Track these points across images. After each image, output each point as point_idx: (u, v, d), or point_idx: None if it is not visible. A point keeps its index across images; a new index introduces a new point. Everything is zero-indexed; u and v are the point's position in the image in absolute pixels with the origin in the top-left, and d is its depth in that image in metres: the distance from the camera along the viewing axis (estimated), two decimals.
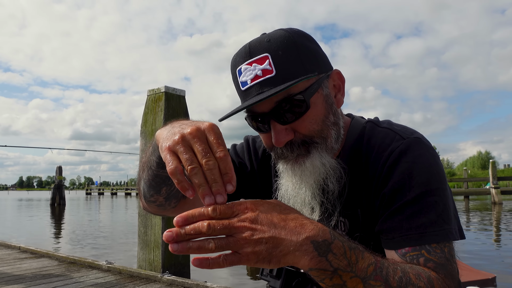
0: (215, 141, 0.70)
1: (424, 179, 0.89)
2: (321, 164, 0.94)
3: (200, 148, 0.69)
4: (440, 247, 0.84)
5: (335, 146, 0.98)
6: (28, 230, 17.08)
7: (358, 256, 0.71)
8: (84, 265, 5.81)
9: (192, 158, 0.68)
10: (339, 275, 0.68)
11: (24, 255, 6.76)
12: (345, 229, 1.00)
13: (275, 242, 0.65)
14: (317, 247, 0.67)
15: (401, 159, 0.91)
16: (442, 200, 0.89)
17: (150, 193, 1.03)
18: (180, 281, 4.65)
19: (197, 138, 0.70)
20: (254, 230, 0.65)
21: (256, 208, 0.68)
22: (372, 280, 0.70)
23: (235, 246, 0.65)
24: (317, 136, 0.94)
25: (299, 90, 0.91)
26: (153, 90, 5.73)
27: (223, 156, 0.69)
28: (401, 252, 0.86)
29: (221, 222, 0.65)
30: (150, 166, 0.95)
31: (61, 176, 37.47)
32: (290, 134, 0.93)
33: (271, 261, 0.66)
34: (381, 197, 0.93)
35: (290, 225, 0.67)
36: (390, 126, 1.01)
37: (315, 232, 0.68)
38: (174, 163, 0.69)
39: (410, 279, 0.74)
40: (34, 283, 4.80)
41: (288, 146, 0.94)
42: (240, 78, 0.93)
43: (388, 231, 0.89)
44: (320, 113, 0.94)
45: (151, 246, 5.46)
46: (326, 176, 0.95)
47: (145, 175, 0.99)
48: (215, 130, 0.72)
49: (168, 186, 1.00)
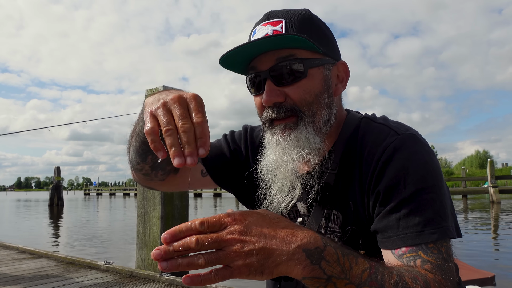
0: (195, 108, 0.73)
1: (420, 176, 0.87)
2: (305, 139, 0.94)
3: (179, 112, 0.72)
4: (437, 246, 0.83)
5: (323, 128, 0.98)
6: (27, 230, 17.05)
7: (352, 262, 0.69)
8: (82, 265, 5.80)
9: (169, 121, 0.72)
10: (333, 282, 0.67)
11: (23, 255, 6.74)
12: (338, 222, 0.99)
13: (266, 253, 0.64)
14: (309, 255, 0.66)
15: (396, 155, 0.90)
16: (439, 197, 0.87)
17: (137, 161, 1.04)
18: (179, 281, 4.65)
19: (178, 103, 0.73)
20: (244, 242, 0.63)
21: (244, 219, 0.66)
22: (367, 286, 0.69)
23: (226, 260, 0.63)
24: (306, 108, 0.95)
25: (301, 56, 0.94)
26: (151, 90, 5.72)
27: (200, 121, 0.71)
28: (397, 253, 0.85)
29: (209, 236, 0.63)
30: (138, 133, 0.97)
31: (59, 176, 37.42)
32: (281, 97, 0.95)
33: (263, 273, 0.64)
34: (375, 194, 0.91)
35: (280, 235, 0.66)
36: (385, 122, 1.01)
37: (307, 240, 0.67)
38: (151, 124, 0.74)
39: (406, 283, 0.73)
40: (32, 283, 4.79)
41: (275, 108, 0.95)
42: (253, 37, 0.97)
43: (384, 230, 0.88)
44: (315, 87, 0.96)
45: (149, 246, 5.45)
46: (309, 152, 0.94)
47: (134, 141, 1.01)
48: (197, 99, 0.75)
49: (153, 155, 1.01)
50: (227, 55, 0.94)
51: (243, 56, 0.96)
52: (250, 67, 0.99)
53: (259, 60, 0.96)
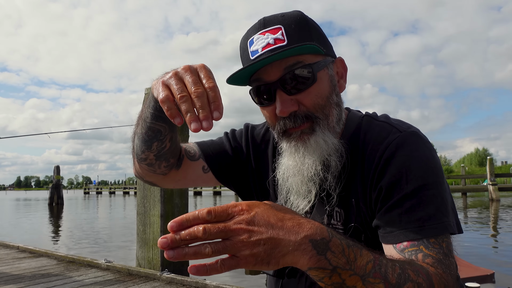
0: (206, 75, 0.77)
1: (422, 172, 0.88)
2: (323, 142, 0.95)
3: (191, 79, 0.76)
4: (438, 242, 0.84)
5: (337, 127, 0.99)
6: (27, 229, 17.06)
7: (356, 253, 0.70)
8: (83, 264, 5.81)
9: (182, 88, 0.75)
10: (338, 273, 0.67)
11: (23, 254, 6.75)
12: (340, 219, 1.00)
13: (273, 243, 0.64)
14: (315, 245, 0.66)
15: (398, 152, 0.91)
16: (440, 194, 0.88)
17: (142, 149, 1.04)
18: (179, 279, 4.65)
19: (189, 71, 0.77)
20: (251, 232, 0.63)
21: (251, 209, 0.66)
22: (371, 277, 0.69)
23: (232, 250, 0.63)
24: (320, 111, 0.96)
25: (308, 61, 0.94)
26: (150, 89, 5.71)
27: (212, 86, 0.74)
28: (399, 247, 0.85)
29: (216, 226, 0.63)
30: (145, 119, 0.98)
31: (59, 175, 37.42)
32: (295, 105, 0.94)
33: (270, 263, 0.65)
34: (378, 190, 0.92)
35: (287, 225, 0.66)
36: (387, 120, 1.02)
37: (313, 230, 0.67)
38: (165, 92, 0.77)
39: (409, 276, 0.73)
40: (33, 282, 4.80)
41: (291, 117, 0.95)
42: (251, 47, 0.96)
43: (386, 225, 0.89)
44: (325, 89, 0.97)
45: (149, 244, 5.46)
46: (329, 154, 0.96)
47: (139, 129, 1.02)
48: (206, 68, 0.79)
49: (159, 141, 1.02)
50: (236, 75, 0.93)
51: (250, 70, 0.94)
52: (254, 78, 0.97)
53: (265, 71, 0.94)
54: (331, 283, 0.68)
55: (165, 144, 1.03)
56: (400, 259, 0.80)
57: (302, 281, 1.05)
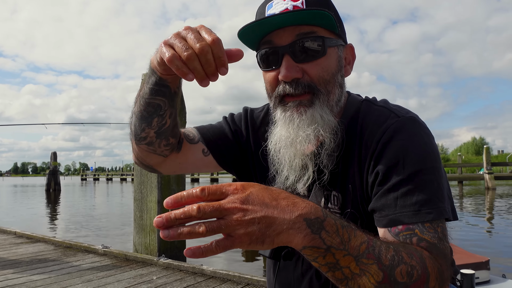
0: (207, 31, 0.77)
1: (419, 157, 0.89)
2: (320, 117, 0.95)
3: (193, 36, 0.76)
4: (433, 226, 0.84)
5: (335, 107, 0.99)
6: (24, 215, 17.09)
7: (350, 234, 0.70)
8: (80, 250, 5.83)
9: (187, 46, 0.76)
10: (332, 253, 0.67)
11: (20, 240, 6.77)
12: (337, 203, 1.00)
13: (267, 221, 0.64)
14: (310, 224, 0.66)
15: (396, 137, 0.91)
16: (436, 179, 0.88)
17: (142, 127, 1.03)
18: (176, 265, 4.68)
19: (190, 29, 0.78)
20: (246, 211, 0.63)
21: (246, 188, 0.66)
22: (365, 258, 0.69)
23: (227, 229, 0.63)
24: (323, 85, 0.96)
25: (322, 34, 0.95)
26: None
27: (214, 38, 0.75)
28: (394, 231, 0.86)
29: (211, 204, 0.63)
30: (143, 95, 0.98)
31: (56, 162, 37.42)
32: (299, 73, 0.94)
33: (264, 242, 0.64)
34: (374, 175, 0.92)
35: (282, 204, 0.66)
36: (385, 105, 1.02)
37: (308, 210, 0.67)
38: (171, 52, 0.77)
39: (402, 258, 0.73)
40: (30, 267, 4.81)
41: (293, 84, 0.95)
42: (269, 11, 0.96)
43: (382, 208, 0.89)
44: (332, 66, 0.97)
45: (146, 230, 5.47)
46: (324, 130, 0.95)
47: (137, 106, 1.02)
48: (206, 26, 0.79)
49: (159, 117, 1.01)
50: (249, 27, 0.93)
51: (263, 29, 0.95)
52: (265, 41, 0.97)
53: (277, 34, 0.95)
54: (325, 263, 0.68)
55: (165, 120, 1.02)
56: (394, 242, 0.80)
57: (298, 265, 1.05)
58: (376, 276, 0.70)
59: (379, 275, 0.70)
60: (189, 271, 4.49)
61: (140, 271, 4.57)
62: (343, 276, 0.69)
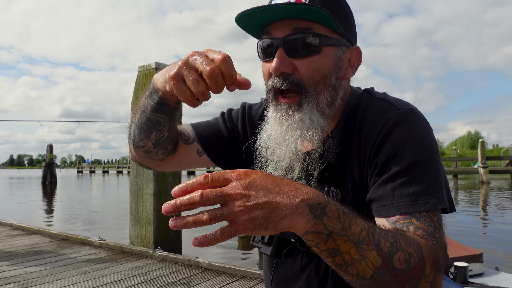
0: (215, 52, 0.77)
1: (417, 149, 0.90)
2: (309, 120, 0.95)
3: (201, 60, 0.75)
4: (430, 215, 0.85)
5: (326, 109, 0.98)
6: (20, 208, 17.04)
7: (351, 220, 0.71)
8: (76, 242, 5.83)
9: (198, 80, 0.76)
10: (333, 238, 0.68)
11: (16, 232, 6.75)
12: (336, 199, 1.00)
13: (271, 206, 0.64)
14: (312, 209, 0.67)
15: (395, 129, 0.92)
16: (434, 170, 0.90)
17: (140, 137, 1.04)
18: (172, 257, 4.69)
19: (197, 54, 0.77)
20: (249, 197, 0.64)
21: (249, 175, 0.67)
22: (365, 244, 0.71)
23: (230, 215, 0.64)
24: (312, 86, 0.95)
25: (319, 32, 0.93)
26: (144, 66, 5.66)
27: (225, 56, 0.75)
28: (391, 219, 0.87)
29: (214, 190, 0.64)
30: (144, 109, 0.98)
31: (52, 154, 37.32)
32: (290, 68, 0.94)
33: (268, 227, 0.65)
34: (373, 166, 0.93)
35: (284, 190, 0.67)
36: (384, 97, 1.02)
37: (310, 195, 0.68)
38: (182, 86, 0.78)
39: (400, 245, 0.75)
40: (26, 259, 4.81)
41: (281, 78, 0.95)
42: (273, 2, 0.95)
43: (379, 198, 0.90)
44: (325, 66, 0.96)
45: (142, 222, 5.48)
46: (312, 134, 0.95)
47: (138, 118, 1.02)
48: (212, 50, 0.78)
49: (158, 131, 1.02)
50: (244, 14, 0.92)
51: (261, 18, 0.94)
52: (265, 31, 0.97)
53: (275, 26, 0.95)
54: (326, 249, 0.69)
55: (163, 134, 1.03)
56: (392, 230, 0.81)
57: (297, 260, 1.06)
58: (375, 262, 0.71)
59: (378, 261, 0.71)
60: (184, 264, 4.50)
61: (136, 263, 4.58)
62: (343, 261, 0.70)
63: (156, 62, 5.53)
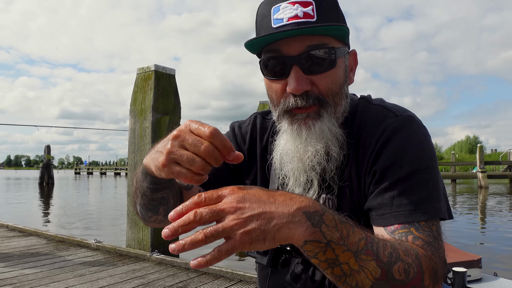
0: (198, 125, 0.72)
1: (416, 157, 0.89)
2: (328, 130, 0.93)
3: (190, 139, 0.71)
4: (428, 225, 0.84)
5: (340, 118, 0.97)
6: (17, 209, 16.99)
7: (349, 230, 0.69)
8: (72, 244, 5.80)
9: (193, 157, 0.71)
10: (332, 248, 0.66)
11: (12, 233, 6.73)
12: (332, 207, 0.99)
13: (266, 217, 0.63)
14: (309, 217, 0.65)
15: (394, 136, 0.91)
16: (433, 179, 0.89)
17: (149, 215, 1.05)
18: (169, 260, 4.67)
19: (180, 134, 0.72)
20: (243, 209, 0.62)
21: (242, 189, 0.66)
22: (364, 254, 0.69)
23: (225, 230, 0.62)
24: (331, 98, 0.93)
25: (332, 45, 0.92)
26: (143, 69, 5.65)
27: (212, 131, 0.70)
28: (390, 229, 0.86)
29: (207, 207, 0.63)
30: (144, 193, 0.97)
31: (50, 155, 37.21)
32: (309, 85, 0.91)
33: (266, 239, 0.63)
34: (372, 174, 0.92)
35: (279, 199, 0.65)
36: (382, 104, 1.01)
37: (306, 203, 0.66)
38: (177, 168, 0.73)
39: (399, 255, 0.73)
40: (22, 261, 4.79)
41: (303, 96, 0.91)
42: (276, 15, 0.91)
43: (378, 207, 0.89)
44: (340, 77, 0.95)
45: (140, 225, 5.45)
46: (332, 143, 0.93)
47: (140, 200, 1.01)
48: (193, 120, 0.74)
49: (165, 205, 1.02)
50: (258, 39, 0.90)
51: (268, 38, 0.90)
52: (271, 49, 0.93)
53: (286, 43, 0.90)
54: (325, 259, 0.67)
55: (170, 203, 1.03)
56: (390, 239, 0.80)
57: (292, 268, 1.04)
58: (374, 273, 0.69)
59: (377, 271, 0.70)
60: (182, 267, 4.48)
61: (132, 266, 4.55)
62: (342, 272, 0.68)
63: (155, 64, 5.53)
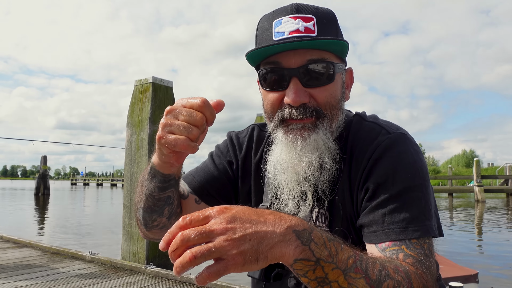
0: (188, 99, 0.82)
1: (408, 174, 0.89)
2: (322, 142, 0.94)
3: (185, 112, 0.80)
4: (420, 242, 0.84)
5: (335, 133, 0.98)
6: (12, 219, 16.86)
7: (337, 247, 0.69)
8: (67, 256, 5.75)
9: (189, 126, 0.79)
10: (321, 266, 0.66)
11: (6, 244, 6.66)
12: (325, 221, 0.99)
13: (259, 237, 0.62)
14: (299, 235, 0.65)
15: (386, 154, 0.92)
16: (424, 196, 0.89)
17: (153, 218, 1.05)
18: (164, 273, 4.63)
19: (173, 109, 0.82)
20: (234, 229, 0.61)
21: (229, 209, 0.65)
22: (353, 272, 0.69)
23: (217, 251, 0.59)
24: (329, 111, 0.95)
25: (332, 60, 0.94)
26: (141, 81, 5.67)
27: (204, 101, 0.80)
28: (381, 246, 0.86)
29: (195, 229, 0.61)
30: (151, 193, 0.99)
31: (46, 165, 37.08)
32: (307, 98, 0.93)
33: (258, 259, 0.62)
34: (364, 190, 0.93)
35: (268, 219, 0.65)
36: (376, 121, 1.02)
37: (295, 222, 0.66)
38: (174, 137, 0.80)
39: (388, 273, 0.73)
40: (15, 273, 4.74)
41: (301, 108, 0.93)
42: (277, 28, 0.93)
43: (370, 224, 0.89)
44: (338, 92, 0.97)
45: (135, 237, 5.42)
46: (325, 156, 0.94)
47: (144, 203, 1.02)
48: (183, 98, 0.83)
49: (170, 205, 1.04)
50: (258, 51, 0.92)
51: (267, 50, 0.92)
52: (270, 61, 0.95)
53: (286, 55, 0.92)
54: (315, 278, 0.67)
55: (174, 204, 1.06)
56: (380, 257, 0.80)
57: (285, 283, 1.03)
58: None
59: None
60: (177, 280, 4.44)
61: (127, 279, 4.51)
62: None
63: (153, 76, 5.55)
